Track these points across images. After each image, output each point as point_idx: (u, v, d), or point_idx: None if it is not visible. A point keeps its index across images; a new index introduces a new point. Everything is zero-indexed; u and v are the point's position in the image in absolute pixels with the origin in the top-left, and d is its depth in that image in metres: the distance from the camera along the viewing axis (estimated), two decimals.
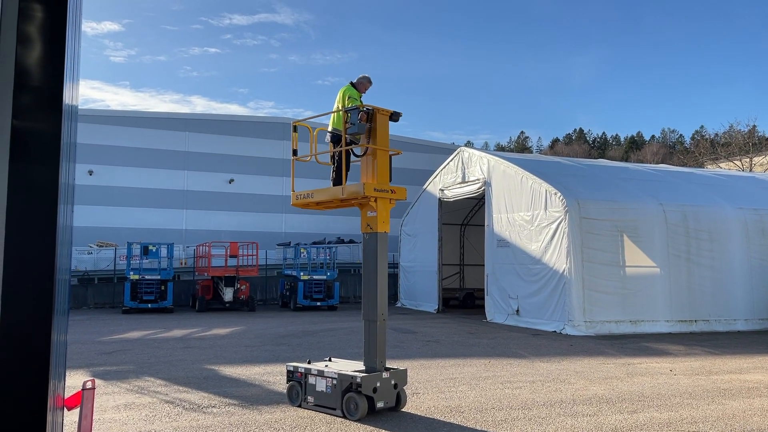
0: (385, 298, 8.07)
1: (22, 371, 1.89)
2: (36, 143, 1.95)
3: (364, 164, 8.28)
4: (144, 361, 11.73)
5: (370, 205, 8.02)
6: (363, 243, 8.19)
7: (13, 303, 1.88)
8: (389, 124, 8.27)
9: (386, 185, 8.10)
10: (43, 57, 1.98)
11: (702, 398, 8.78)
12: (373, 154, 8.11)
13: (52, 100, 1.99)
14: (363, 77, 8.97)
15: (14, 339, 1.88)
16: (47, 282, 1.94)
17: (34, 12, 1.97)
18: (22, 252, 1.89)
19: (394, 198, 8.15)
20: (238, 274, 24.27)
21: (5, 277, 1.88)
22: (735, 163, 47.92)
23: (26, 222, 1.91)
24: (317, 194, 8.56)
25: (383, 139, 8.14)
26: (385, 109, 8.22)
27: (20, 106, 1.93)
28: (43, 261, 1.94)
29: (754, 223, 19.40)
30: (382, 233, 8.05)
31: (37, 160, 1.94)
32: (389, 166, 8.29)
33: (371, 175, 8.12)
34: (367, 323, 8.05)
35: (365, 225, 8.15)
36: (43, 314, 1.94)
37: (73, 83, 2.56)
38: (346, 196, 8.10)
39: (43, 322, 1.94)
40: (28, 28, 1.95)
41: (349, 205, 8.50)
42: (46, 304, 1.94)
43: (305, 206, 8.93)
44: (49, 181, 1.96)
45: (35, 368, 1.91)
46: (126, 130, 32.49)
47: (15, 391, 1.87)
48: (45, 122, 1.98)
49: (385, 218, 8.09)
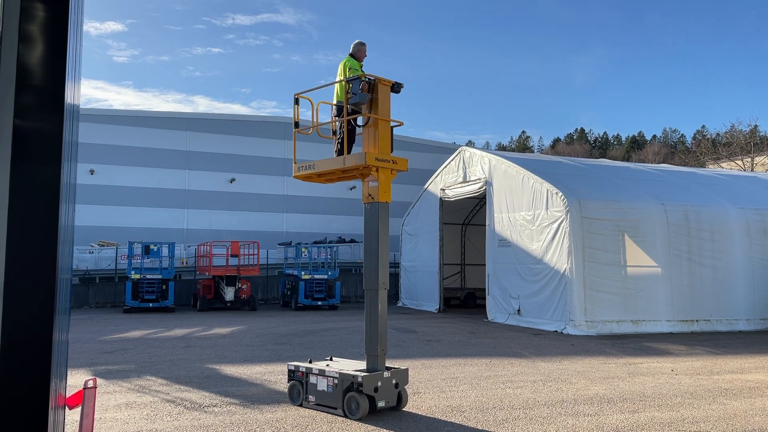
0: (386, 266, 8.09)
1: (23, 370, 1.89)
2: (38, 143, 1.95)
3: (365, 135, 8.29)
4: (145, 360, 11.74)
5: (371, 175, 8.04)
6: (364, 213, 8.21)
7: (15, 302, 1.88)
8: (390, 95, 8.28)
9: (388, 155, 8.12)
10: (44, 56, 1.98)
11: (703, 398, 8.77)
12: (375, 124, 8.12)
13: (54, 100, 1.99)
14: (357, 44, 8.86)
15: (16, 338, 1.88)
16: (49, 281, 1.94)
17: (36, 11, 1.97)
18: (23, 251, 1.90)
19: (396, 168, 8.17)
20: (239, 273, 24.28)
21: (7, 276, 1.88)
22: (736, 163, 47.88)
23: (28, 221, 1.91)
24: (319, 165, 8.52)
25: (385, 109, 8.16)
26: (386, 79, 8.22)
27: (22, 105, 1.93)
28: (44, 260, 1.94)
29: (756, 222, 19.39)
30: (383, 203, 8.08)
31: (38, 160, 1.94)
32: (391, 137, 8.30)
33: (373, 145, 8.13)
34: (368, 292, 8.08)
35: (366, 195, 8.16)
36: (45, 313, 1.94)
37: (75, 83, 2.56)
38: (348, 166, 8.09)
39: (45, 321, 1.94)
40: (29, 27, 1.95)
41: (350, 176, 8.48)
42: (48, 303, 1.94)
43: (307, 178, 8.87)
44: (50, 181, 1.96)
45: (37, 367, 1.92)
46: (127, 130, 32.50)
47: (16, 390, 1.88)
48: (47, 122, 1.98)
49: (387, 188, 8.11)
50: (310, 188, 35.92)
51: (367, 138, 8.25)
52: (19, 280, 1.89)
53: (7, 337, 1.86)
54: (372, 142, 8.14)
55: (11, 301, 1.88)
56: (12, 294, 1.88)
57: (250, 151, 34.99)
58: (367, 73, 8.28)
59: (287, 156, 34.99)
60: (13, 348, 1.87)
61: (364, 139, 8.32)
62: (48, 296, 1.94)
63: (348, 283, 29.24)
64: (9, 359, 1.87)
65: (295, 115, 8.76)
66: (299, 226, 35.35)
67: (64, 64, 2.01)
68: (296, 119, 8.78)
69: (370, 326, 8.00)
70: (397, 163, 8.15)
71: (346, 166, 8.11)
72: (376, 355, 7.87)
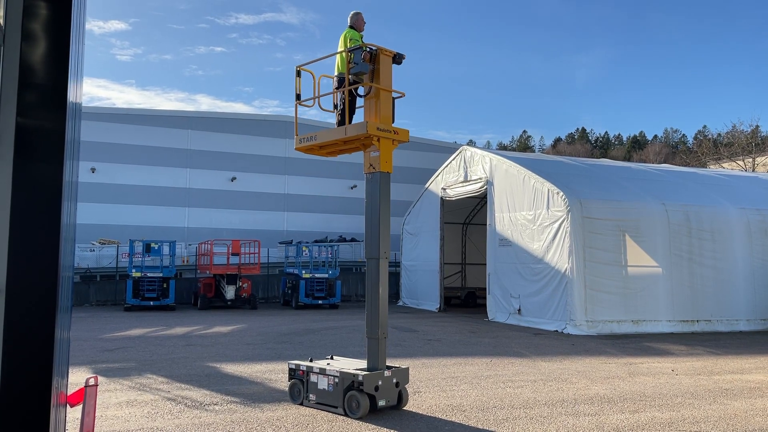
0: (387, 236, 8.12)
1: (26, 368, 1.90)
2: (40, 141, 1.95)
3: (367, 106, 8.29)
4: (146, 358, 11.75)
5: (373, 145, 8.05)
6: (366, 183, 8.23)
7: (18, 300, 1.89)
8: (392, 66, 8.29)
9: (389, 125, 8.13)
10: (47, 55, 1.98)
11: (704, 398, 8.77)
12: (376, 95, 8.12)
13: (57, 98, 1.99)
14: (354, 15, 8.81)
15: (18, 336, 1.88)
16: (51, 279, 1.94)
17: (39, 10, 1.97)
18: (26, 249, 1.90)
19: (397, 139, 8.17)
20: (240, 272, 24.30)
21: (9, 274, 1.88)
22: (738, 163, 47.84)
23: (30, 219, 1.91)
24: (321, 135, 8.53)
25: (386, 79, 8.16)
26: (388, 49, 8.23)
27: (25, 103, 1.93)
28: (47, 258, 1.94)
29: (757, 223, 19.37)
30: (384, 173, 8.09)
31: (41, 158, 1.94)
32: (392, 108, 8.30)
33: (374, 115, 8.14)
34: (369, 261, 8.10)
35: (368, 165, 8.17)
36: (47, 311, 1.94)
37: (77, 81, 2.56)
38: (350, 136, 8.09)
39: (47, 320, 1.94)
40: (32, 26, 1.95)
41: (352, 147, 8.49)
42: (50, 302, 1.94)
43: (309, 150, 8.86)
44: (53, 179, 1.96)
45: (39, 365, 1.92)
46: (128, 128, 32.51)
47: (19, 388, 1.88)
48: (49, 120, 1.98)
49: (388, 158, 8.13)
50: (310, 187, 35.96)
51: (368, 109, 8.26)
52: (21, 278, 1.89)
53: (9, 335, 1.87)
54: (373, 113, 8.15)
55: (14, 298, 1.88)
56: (14, 292, 1.88)
57: (251, 149, 35.01)
58: (369, 43, 8.28)
59: (288, 155, 35.01)
60: (16, 346, 1.87)
61: (365, 109, 8.33)
62: (50, 294, 1.94)
63: (349, 282, 29.24)
64: (12, 357, 1.87)
65: (297, 87, 8.76)
66: (300, 225, 35.36)
67: (67, 63, 2.01)
68: (298, 91, 8.77)
69: (371, 299, 8.03)
70: (399, 134, 8.16)
71: (348, 136, 8.10)
72: (377, 339, 7.87)
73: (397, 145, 8.30)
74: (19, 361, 1.89)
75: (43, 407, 1.93)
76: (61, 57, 2.00)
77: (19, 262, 1.90)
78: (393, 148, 8.21)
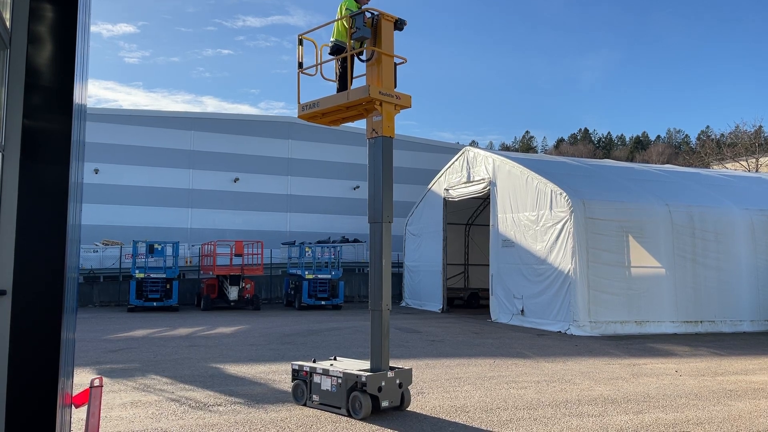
0: (390, 200, 8.14)
1: (32, 369, 1.90)
2: (47, 142, 1.95)
3: (369, 72, 8.30)
4: (150, 359, 11.77)
5: (375, 110, 8.05)
6: (368, 148, 8.25)
7: (24, 301, 1.89)
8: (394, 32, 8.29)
9: (391, 90, 8.14)
10: (53, 57, 1.99)
11: (708, 399, 8.75)
12: (378, 60, 8.13)
13: (63, 100, 2.00)
14: None
15: (25, 337, 1.89)
16: (57, 280, 1.95)
17: (45, 13, 1.98)
18: (33, 250, 1.90)
19: (399, 104, 8.18)
20: (243, 272, 24.32)
21: (16, 276, 1.89)
22: (741, 164, 47.70)
23: (37, 220, 1.91)
24: (323, 102, 8.50)
25: (388, 45, 8.18)
26: (389, 14, 8.24)
27: (31, 105, 1.94)
28: (53, 259, 1.94)
29: (761, 223, 19.32)
30: (387, 137, 8.11)
31: (47, 160, 1.95)
32: (394, 74, 8.30)
33: (377, 79, 8.15)
34: (372, 225, 8.13)
35: (370, 130, 8.19)
36: (54, 312, 1.95)
37: (83, 83, 2.57)
38: (352, 100, 8.08)
39: (54, 321, 1.95)
40: (39, 28, 1.96)
41: (354, 115, 8.49)
42: (57, 303, 1.95)
43: (311, 118, 8.84)
44: (59, 180, 1.96)
45: (45, 366, 1.92)
46: (132, 129, 32.57)
47: (26, 389, 1.89)
48: (56, 122, 1.98)
49: (390, 123, 8.14)
50: (313, 188, 35.97)
51: (370, 74, 8.27)
52: (28, 279, 1.90)
53: (17, 337, 1.87)
54: (375, 78, 8.16)
55: (21, 300, 1.89)
56: (21, 293, 1.88)
57: (253, 150, 35.04)
58: (370, 8, 8.26)
59: (291, 155, 35.06)
60: (23, 347, 1.88)
61: (367, 75, 8.33)
62: (57, 295, 1.94)
63: (351, 282, 29.25)
64: (19, 358, 1.88)
65: (299, 55, 8.75)
66: (303, 226, 35.38)
67: (73, 65, 2.01)
68: (300, 60, 8.76)
69: (375, 268, 8.03)
70: (401, 99, 8.17)
71: (350, 100, 8.10)
72: (380, 311, 7.86)
73: (399, 111, 8.30)
74: (25, 362, 1.89)
75: (50, 408, 1.94)
76: (67, 59, 2.00)
77: (26, 264, 1.90)
78: (395, 113, 8.23)
